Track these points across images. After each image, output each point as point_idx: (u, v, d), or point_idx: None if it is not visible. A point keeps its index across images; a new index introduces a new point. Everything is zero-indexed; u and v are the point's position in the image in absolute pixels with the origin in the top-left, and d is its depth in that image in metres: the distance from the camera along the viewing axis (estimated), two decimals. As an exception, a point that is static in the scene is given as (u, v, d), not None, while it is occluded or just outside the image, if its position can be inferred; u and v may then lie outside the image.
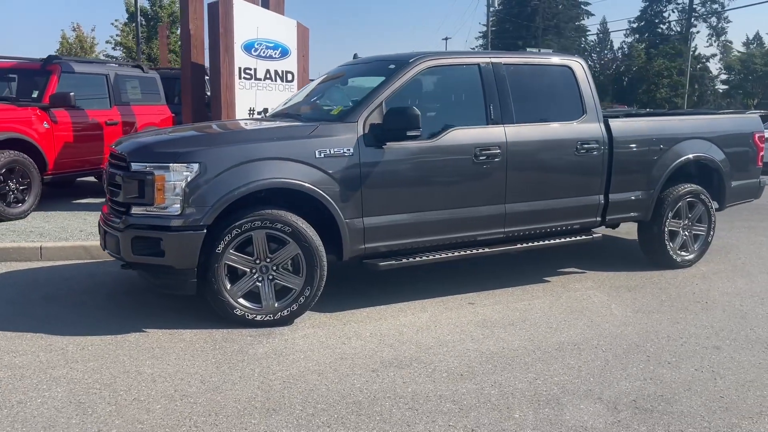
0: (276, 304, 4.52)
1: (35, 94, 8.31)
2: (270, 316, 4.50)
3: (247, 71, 8.31)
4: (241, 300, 4.47)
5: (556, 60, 5.72)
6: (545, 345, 4.23)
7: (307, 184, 4.47)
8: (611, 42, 66.16)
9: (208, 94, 9.16)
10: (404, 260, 4.94)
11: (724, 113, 7.38)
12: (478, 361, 3.96)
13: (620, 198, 5.84)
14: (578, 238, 5.70)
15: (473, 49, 55.28)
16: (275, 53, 8.58)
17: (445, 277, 5.81)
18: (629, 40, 59.82)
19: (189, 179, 4.25)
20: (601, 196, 5.71)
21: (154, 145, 4.56)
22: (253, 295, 4.54)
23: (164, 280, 4.50)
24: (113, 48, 33.63)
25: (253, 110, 8.30)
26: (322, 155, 4.53)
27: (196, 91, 8.48)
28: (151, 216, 4.33)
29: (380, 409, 3.32)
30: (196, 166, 4.27)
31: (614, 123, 5.76)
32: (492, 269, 6.12)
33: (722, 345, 4.28)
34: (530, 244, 5.47)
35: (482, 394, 3.50)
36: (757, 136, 6.66)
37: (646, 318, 4.80)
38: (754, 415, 3.31)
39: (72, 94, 8.10)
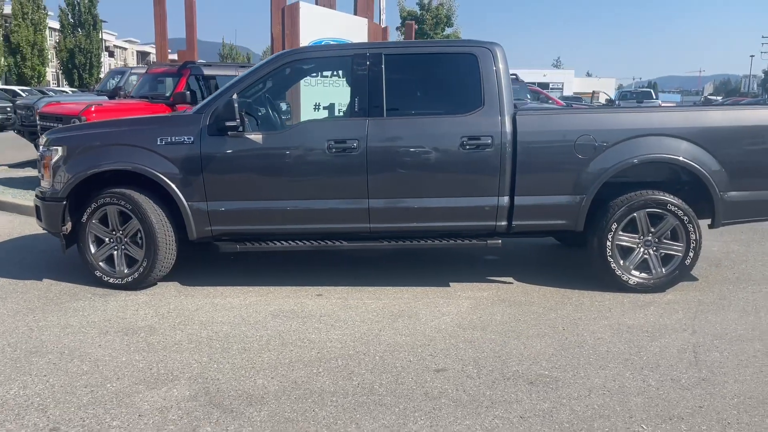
0: (126, 271, 5.24)
1: (168, 94, 10.17)
2: (119, 280, 5.24)
3: (314, 69, 8.98)
4: (101, 263, 5.29)
5: (458, 48, 5.28)
6: (276, 337, 4.21)
7: (145, 168, 5.07)
8: None
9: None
10: (248, 245, 5.22)
11: (727, 105, 5.75)
12: (191, 341, 4.17)
13: (532, 202, 5.15)
14: (465, 241, 5.22)
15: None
16: (344, 51, 9.07)
17: (337, 267, 5.85)
18: None
19: (56, 159, 5.22)
20: (504, 198, 5.12)
21: (51, 132, 5.62)
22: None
23: (62, 241, 5.54)
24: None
25: (319, 105, 8.97)
26: (163, 142, 5.09)
27: (280, 88, 9.43)
28: (42, 189, 5.41)
29: (50, 358, 3.85)
30: (61, 149, 5.21)
31: (522, 117, 5.10)
32: (400, 266, 5.93)
33: (450, 368, 3.74)
34: (398, 243, 5.21)
35: (124, 366, 3.78)
36: (779, 134, 5.13)
37: (454, 334, 4.32)
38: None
39: (188, 92, 9.74)
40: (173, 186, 5.07)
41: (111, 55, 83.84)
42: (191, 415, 3.18)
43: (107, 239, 5.26)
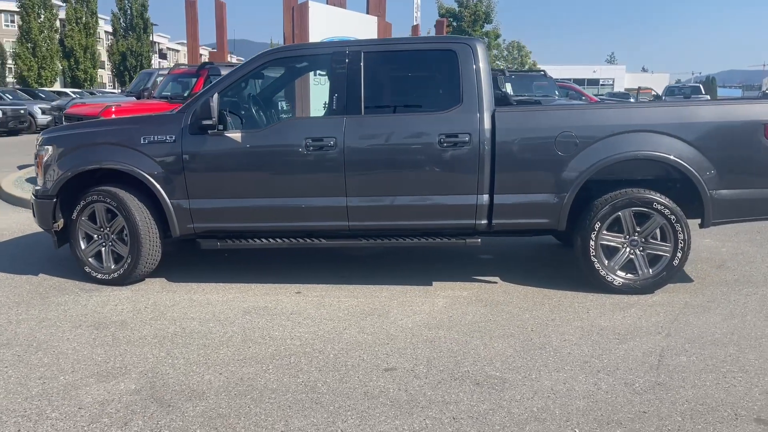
0: (112, 267, 5.38)
1: (186, 93, 10.38)
2: (106, 276, 5.38)
3: (323, 68, 9.03)
4: (91, 260, 5.44)
5: (437, 44, 5.23)
6: (239, 334, 4.26)
7: (128, 166, 5.19)
8: None
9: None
10: (229, 242, 5.28)
11: (714, 100, 5.51)
12: (156, 336, 4.25)
13: (512, 200, 5.06)
14: (444, 240, 5.17)
15: None
16: (353, 50, 9.10)
17: (323, 265, 5.87)
18: None
19: (46, 158, 5.39)
20: (483, 197, 5.04)
21: (45, 131, 5.80)
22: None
23: (59, 237, 5.71)
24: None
25: (327, 104, 9.00)
26: (146, 141, 5.19)
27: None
28: (38, 187, 5.60)
29: (17, 351, 4.00)
30: (51, 148, 5.38)
31: (501, 114, 5.02)
32: (387, 265, 5.92)
33: (400, 367, 3.72)
34: (377, 241, 5.20)
35: (83, 360, 3.89)
36: (774, 129, 4.91)
37: (418, 333, 4.28)
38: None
39: (204, 92, 9.90)
40: (156, 184, 5.17)
41: (164, 57, 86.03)
42: (128, 409, 3.24)
43: (96, 236, 5.40)
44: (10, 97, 26.41)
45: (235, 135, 5.10)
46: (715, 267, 5.87)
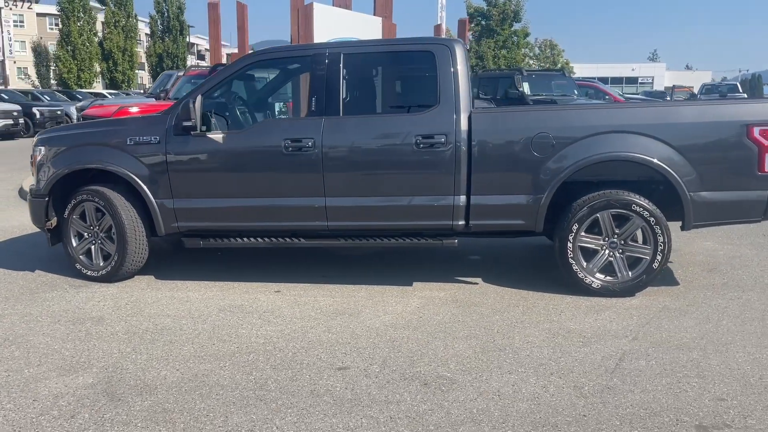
0: (101, 264, 5.54)
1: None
2: (95, 273, 5.54)
3: (328, 69, 9.11)
4: (82, 257, 5.61)
5: (415, 46, 5.24)
6: (208, 332, 4.35)
7: (114, 166, 5.34)
8: None
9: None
10: (212, 241, 5.39)
11: (697, 100, 5.37)
12: (128, 332, 4.37)
13: (489, 201, 5.05)
14: (421, 241, 5.19)
15: None
16: (358, 50, 9.16)
17: (306, 264, 5.94)
18: None
19: (39, 158, 5.58)
20: (460, 197, 5.05)
21: (40, 132, 6.00)
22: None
23: (54, 235, 5.91)
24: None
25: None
26: (132, 142, 5.34)
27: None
28: (32, 186, 5.80)
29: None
30: (44, 148, 5.57)
31: (477, 115, 5.02)
32: (375, 264, 5.96)
33: (353, 367, 3.76)
34: (355, 241, 5.25)
35: (51, 354, 4.03)
36: (758, 130, 4.80)
37: (382, 332, 4.31)
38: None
39: (215, 93, 10.08)
40: (141, 184, 5.30)
41: (202, 58, 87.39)
42: (79, 402, 3.35)
43: (86, 234, 5.56)
44: (48, 99, 27.21)
45: (217, 136, 5.20)
46: (707, 270, 5.76)
